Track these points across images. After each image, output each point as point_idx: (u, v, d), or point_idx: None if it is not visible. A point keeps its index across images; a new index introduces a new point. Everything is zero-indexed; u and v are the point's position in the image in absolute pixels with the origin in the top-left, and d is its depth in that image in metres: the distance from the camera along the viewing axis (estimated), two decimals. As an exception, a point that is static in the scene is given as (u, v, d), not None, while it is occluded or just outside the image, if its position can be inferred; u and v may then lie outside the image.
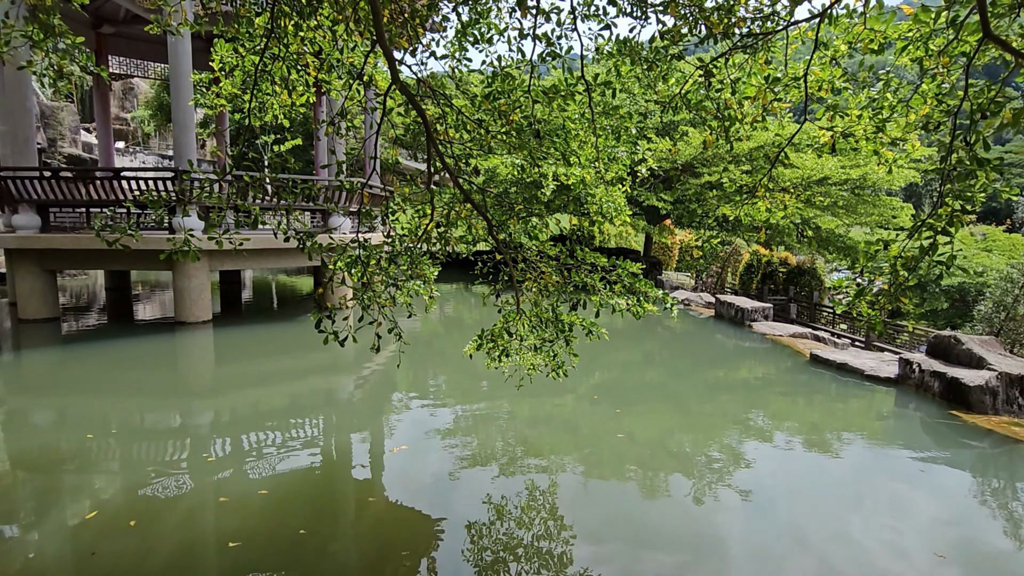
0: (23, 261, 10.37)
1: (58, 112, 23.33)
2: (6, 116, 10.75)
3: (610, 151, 4.28)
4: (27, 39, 3.35)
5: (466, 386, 7.88)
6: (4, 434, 5.79)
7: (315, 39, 3.44)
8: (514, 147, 3.12)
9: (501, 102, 3.49)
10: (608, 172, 4.39)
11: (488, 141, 3.09)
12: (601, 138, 4.13)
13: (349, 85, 3.91)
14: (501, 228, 3.48)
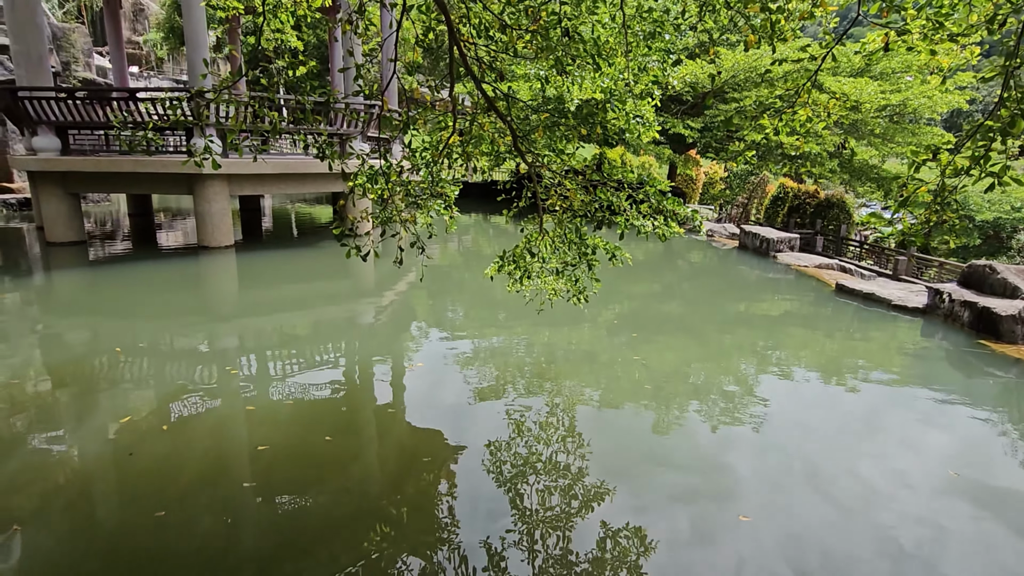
0: (46, 184, 10.43)
1: (70, 34, 22.79)
2: (17, 34, 10.51)
3: (641, 60, 4.03)
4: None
5: (484, 315, 7.92)
6: (39, 351, 5.99)
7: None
8: (541, 50, 2.93)
9: (528, 0, 3.25)
10: (638, 84, 4.16)
11: (514, 42, 2.90)
12: (633, 44, 3.88)
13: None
14: (526, 140, 3.34)
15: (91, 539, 2.99)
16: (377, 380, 5.46)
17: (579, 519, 3.34)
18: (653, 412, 4.89)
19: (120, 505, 3.28)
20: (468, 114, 3.39)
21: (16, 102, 9.97)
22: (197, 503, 3.32)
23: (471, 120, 3.22)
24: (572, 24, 3.10)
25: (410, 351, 6.27)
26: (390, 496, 3.49)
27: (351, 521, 3.20)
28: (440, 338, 6.70)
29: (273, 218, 17.78)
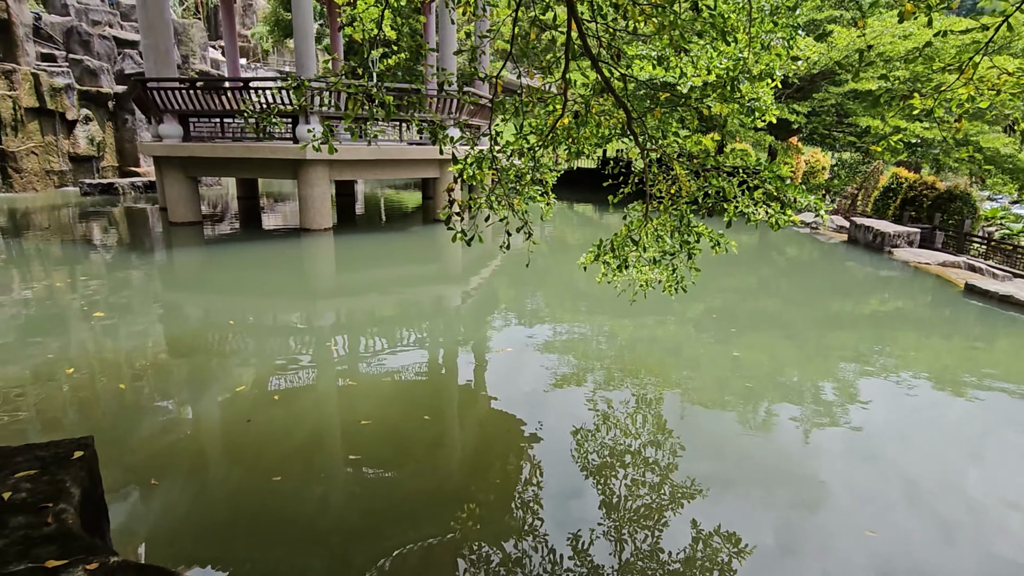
0: (170, 168, 11.36)
1: (189, 29, 24.66)
2: (147, 29, 11.46)
3: (763, 37, 3.77)
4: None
5: (569, 303, 7.82)
6: (161, 323, 6.53)
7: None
8: (662, 27, 2.78)
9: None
10: (758, 64, 3.89)
11: (636, 18, 2.77)
12: (756, 20, 3.62)
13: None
14: (638, 122, 3.21)
15: (218, 497, 3.21)
16: (469, 363, 5.53)
17: (667, 517, 3.22)
18: (745, 412, 4.63)
19: (243, 468, 3.50)
20: (581, 97, 3.29)
21: (146, 92, 10.89)
22: (310, 471, 3.50)
23: (586, 103, 3.13)
24: None
25: (498, 336, 6.30)
26: (481, 477, 3.51)
27: (451, 498, 3.25)
28: (527, 324, 6.69)
29: (364, 203, 18.49)
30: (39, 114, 17.31)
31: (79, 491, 1.95)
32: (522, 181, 3.86)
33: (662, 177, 3.68)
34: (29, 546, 1.63)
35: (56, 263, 8.96)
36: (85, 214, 13.99)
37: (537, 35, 4.39)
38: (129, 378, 4.79)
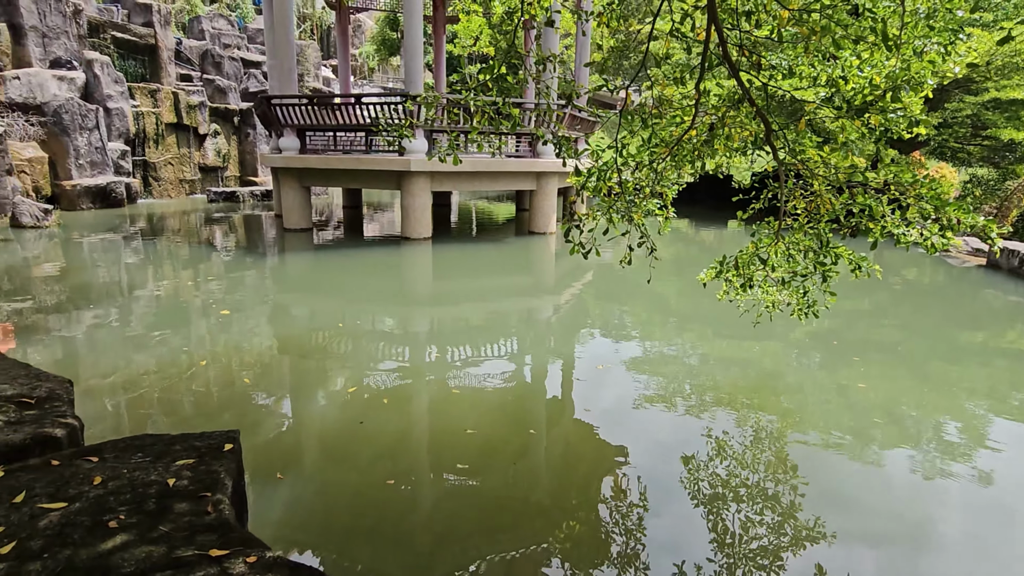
0: (287, 179, 12.18)
1: (305, 49, 26.54)
2: (274, 51, 12.41)
3: (916, 43, 3.44)
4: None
5: (670, 321, 7.53)
6: (279, 322, 6.94)
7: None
8: (813, 33, 2.58)
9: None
10: (908, 71, 3.56)
11: (784, 24, 2.60)
12: (909, 24, 3.31)
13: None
14: (779, 135, 3.01)
15: (338, 497, 3.31)
16: (568, 377, 5.43)
17: (782, 560, 2.94)
18: (847, 448, 4.20)
19: (359, 470, 3.60)
20: (713, 108, 3.14)
21: (270, 108, 11.76)
22: (423, 478, 3.54)
23: (721, 116, 2.97)
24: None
25: (595, 351, 6.15)
26: (588, 496, 3.39)
27: (563, 515, 3.16)
28: (625, 340, 6.50)
29: (458, 213, 18.95)
30: (176, 129, 19.20)
31: (231, 482, 2.05)
32: (641, 194, 3.75)
33: (799, 193, 3.44)
34: (193, 533, 1.71)
35: (185, 263, 9.82)
36: (211, 219, 15.30)
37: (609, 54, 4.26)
38: (253, 373, 5.11)
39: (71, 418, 2.42)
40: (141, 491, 1.89)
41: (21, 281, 8.12)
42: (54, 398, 2.60)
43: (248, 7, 31.74)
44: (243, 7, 31.58)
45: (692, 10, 2.75)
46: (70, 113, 14.98)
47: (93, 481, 1.92)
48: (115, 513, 1.77)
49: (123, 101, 17.23)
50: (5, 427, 2.18)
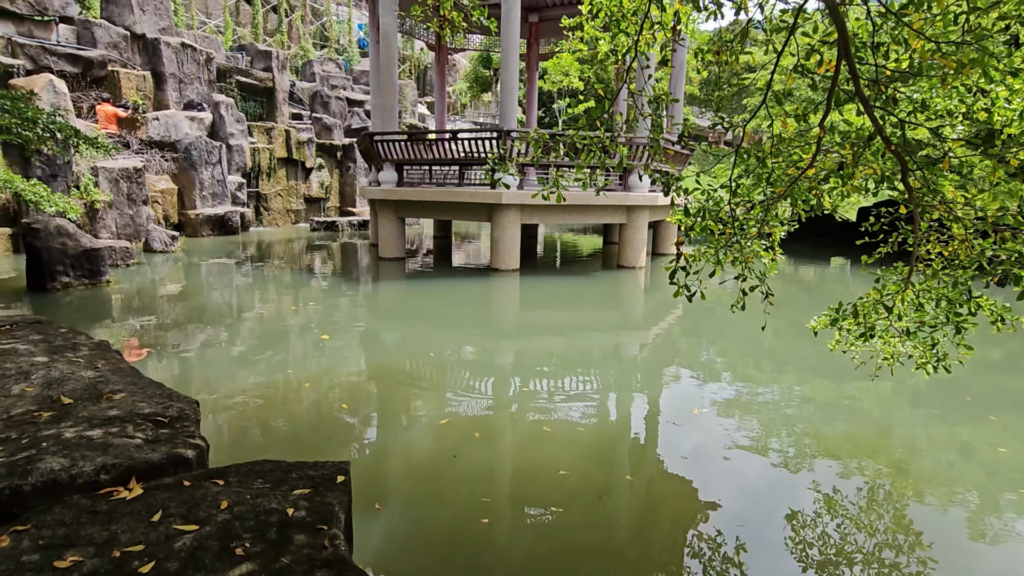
0: (384, 210, 12.78)
1: (404, 88, 28.09)
2: (377, 91, 13.19)
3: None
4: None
5: (774, 366, 7.08)
6: (368, 350, 7.18)
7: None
8: (962, 65, 2.37)
9: (915, 18, 2.70)
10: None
11: (925, 58, 2.41)
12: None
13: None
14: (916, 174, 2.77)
15: (433, 531, 3.31)
16: (663, 420, 5.20)
17: None
18: (973, 516, 3.66)
19: (453, 505, 3.59)
20: (838, 145, 2.95)
21: (372, 144, 12.46)
22: (518, 518, 3.47)
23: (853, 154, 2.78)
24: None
25: (690, 393, 5.86)
26: (682, 551, 3.17)
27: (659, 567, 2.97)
28: (717, 382, 6.15)
29: (544, 244, 19.06)
30: (286, 163, 20.77)
31: (344, 516, 2.08)
32: (747, 234, 3.57)
33: (935, 237, 3.14)
34: (312, 567, 1.74)
35: (288, 286, 10.46)
36: (312, 246, 16.29)
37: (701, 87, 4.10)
38: (351, 399, 5.28)
39: (199, 439, 2.57)
40: (263, 519, 1.95)
41: (149, 300, 8.95)
42: (184, 418, 2.79)
43: (354, 51, 34.15)
44: (349, 51, 34.01)
45: (820, 45, 2.62)
46: (198, 150, 16.60)
47: (220, 505, 2.01)
48: (241, 540, 1.83)
49: (243, 138, 18.91)
50: (144, 445, 2.35)
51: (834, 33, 2.58)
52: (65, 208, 9.64)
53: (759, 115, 3.42)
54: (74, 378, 3.05)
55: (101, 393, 2.93)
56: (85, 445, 2.26)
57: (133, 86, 16.85)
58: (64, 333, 3.90)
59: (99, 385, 3.02)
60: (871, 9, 2.49)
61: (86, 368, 3.21)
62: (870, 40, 2.59)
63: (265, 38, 29.38)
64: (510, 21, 10.88)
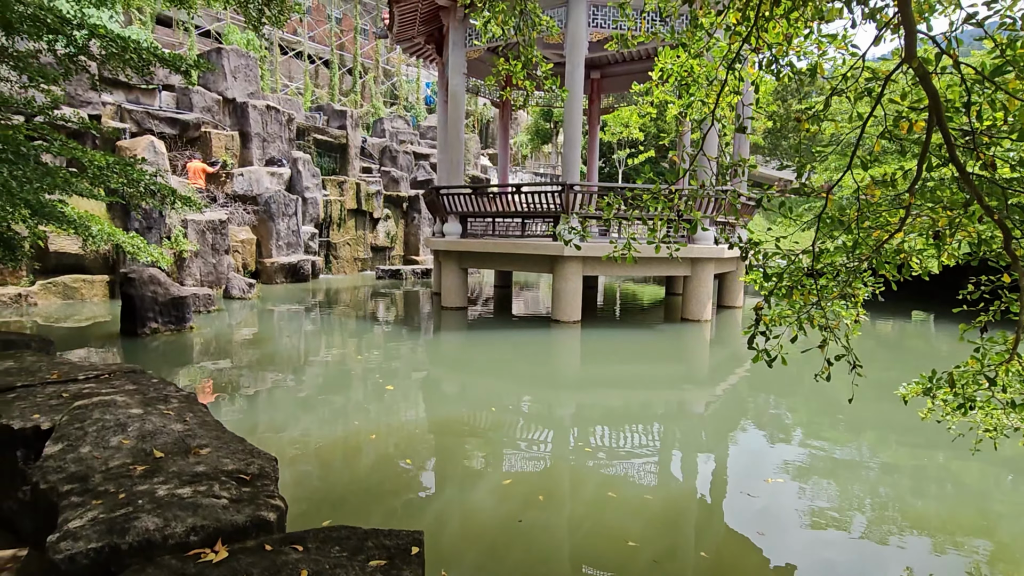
0: (447, 261, 13.10)
1: (467, 142, 29.18)
2: (444, 146, 13.75)
3: None
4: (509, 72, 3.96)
5: (836, 424, 6.61)
6: (432, 403, 7.22)
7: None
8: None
9: (1012, 80, 2.58)
10: None
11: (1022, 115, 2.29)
12: None
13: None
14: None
15: (497, 603, 3.21)
16: (738, 490, 4.91)
17: None
18: None
19: (521, 573, 3.48)
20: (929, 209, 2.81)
21: (438, 197, 12.91)
22: (583, 595, 3.32)
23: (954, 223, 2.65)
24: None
25: (761, 457, 5.53)
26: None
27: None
28: (791, 446, 5.78)
29: (605, 295, 18.91)
30: (356, 214, 21.78)
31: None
32: (828, 297, 3.42)
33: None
34: (389, 649, 1.71)
35: (354, 333, 10.77)
36: (378, 294, 16.82)
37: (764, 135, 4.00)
38: (415, 454, 5.31)
39: (278, 499, 2.63)
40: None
41: (226, 346, 9.42)
42: (264, 476, 2.87)
43: (421, 107, 35.95)
44: (416, 108, 35.84)
45: (908, 112, 2.54)
46: (277, 202, 17.69)
47: (301, 574, 2.03)
48: (320, 614, 1.83)
49: (317, 191, 20.04)
50: (230, 506, 2.42)
51: (924, 100, 2.51)
52: (158, 258, 10.40)
53: (832, 166, 3.32)
54: (165, 431, 3.22)
55: (189, 447, 3.07)
56: (176, 504, 2.36)
57: (222, 145, 18.30)
58: (156, 384, 4.14)
59: (187, 439, 3.16)
60: (964, 75, 2.41)
61: (176, 421, 3.38)
62: (963, 104, 2.49)
63: (340, 98, 31.45)
64: (574, 81, 11.20)
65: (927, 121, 2.50)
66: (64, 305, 12.73)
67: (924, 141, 2.57)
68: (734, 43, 3.28)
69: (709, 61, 3.77)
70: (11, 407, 3.58)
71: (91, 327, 10.53)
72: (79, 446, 3.01)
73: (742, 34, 3.13)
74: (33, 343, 5.74)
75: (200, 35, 26.64)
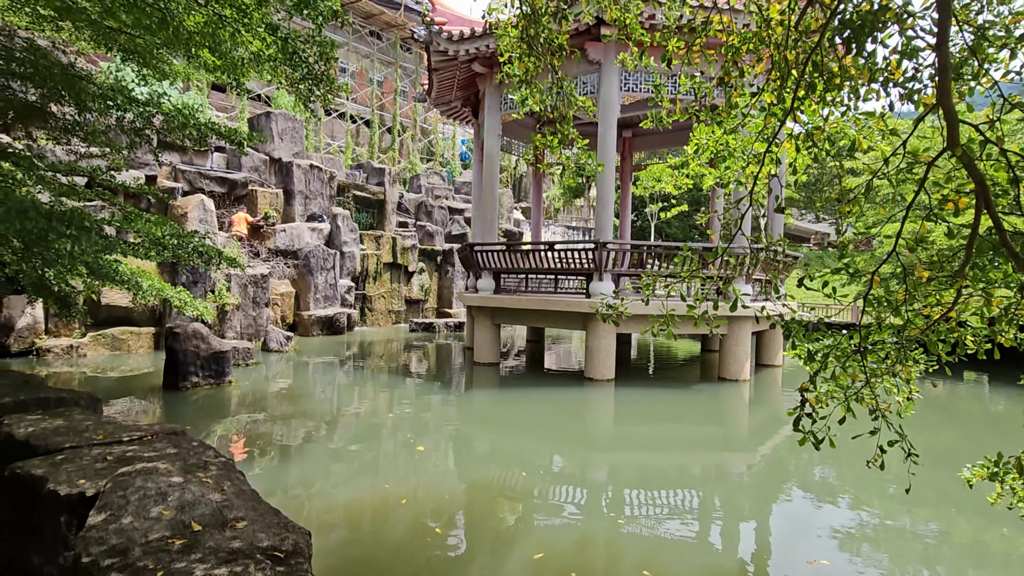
0: (480, 316, 13.17)
1: (501, 197, 29.81)
2: (479, 204, 14.06)
3: None
4: (545, 146, 4.08)
5: (884, 493, 6.22)
6: (464, 466, 7.12)
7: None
8: None
9: None
10: None
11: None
12: None
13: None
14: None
15: None
16: (775, 566, 4.63)
17: None
18: None
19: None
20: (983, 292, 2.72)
21: (472, 254, 13.12)
22: None
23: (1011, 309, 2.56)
24: None
25: (805, 531, 5.22)
26: None
27: None
28: (836, 518, 5.44)
29: (639, 350, 18.62)
30: (391, 267, 22.24)
31: None
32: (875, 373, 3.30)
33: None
34: None
35: (387, 387, 10.81)
36: (411, 346, 16.94)
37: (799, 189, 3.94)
38: (444, 520, 5.20)
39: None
40: None
41: (263, 402, 9.55)
42: (298, 552, 2.85)
43: (456, 164, 37.07)
44: (452, 164, 36.97)
45: (954, 195, 2.51)
46: (316, 257, 18.23)
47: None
48: None
49: (355, 246, 20.61)
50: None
51: (970, 183, 2.47)
52: (202, 312, 10.77)
53: (870, 217, 3.25)
54: (203, 501, 3.24)
55: (226, 520, 3.08)
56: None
57: (267, 202, 19.12)
58: (196, 448, 4.21)
59: (224, 511, 3.18)
60: (1010, 159, 2.38)
61: (214, 490, 3.41)
62: (1009, 182, 2.44)
63: (380, 155, 32.71)
64: (607, 143, 11.44)
65: (975, 206, 2.46)
66: (111, 356, 13.19)
67: (973, 225, 2.52)
68: (770, 122, 3.33)
69: (745, 136, 3.82)
70: (59, 471, 3.68)
71: (136, 379, 10.85)
72: (121, 516, 3.06)
73: (778, 115, 3.17)
74: (82, 400, 5.93)
75: (251, 99, 28.32)
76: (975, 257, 2.66)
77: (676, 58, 3.45)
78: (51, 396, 5.74)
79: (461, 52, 12.28)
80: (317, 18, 4.54)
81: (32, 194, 6.91)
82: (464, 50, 12.23)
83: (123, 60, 6.39)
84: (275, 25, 4.67)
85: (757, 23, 3.13)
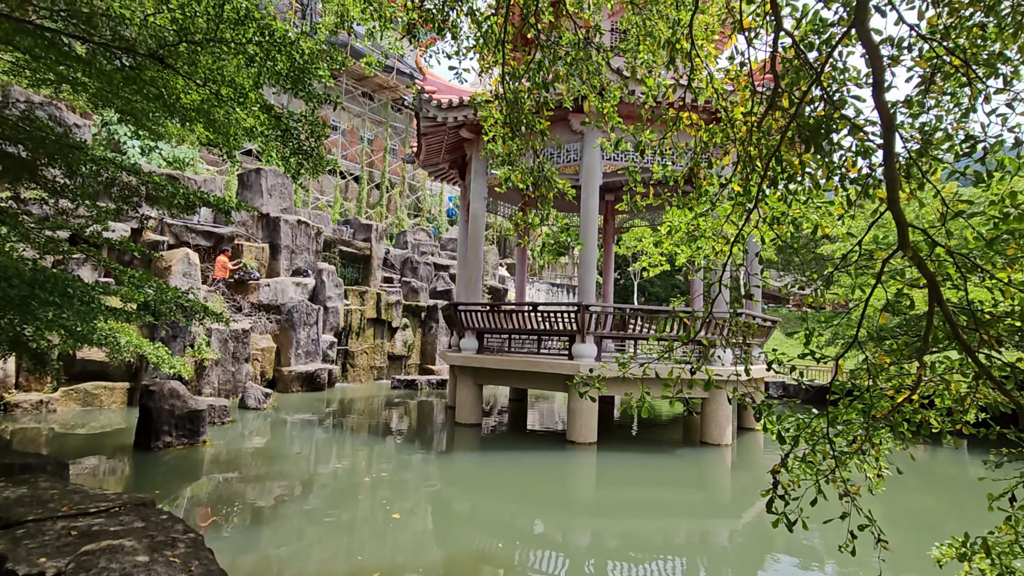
0: (463, 376, 13.11)
1: (486, 254, 30.18)
2: (463, 263, 14.25)
3: None
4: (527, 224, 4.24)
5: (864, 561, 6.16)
6: (437, 534, 6.95)
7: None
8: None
9: (1011, 248, 2.72)
10: None
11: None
12: None
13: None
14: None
15: None
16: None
17: None
18: None
19: None
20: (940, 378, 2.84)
21: (456, 313, 13.18)
22: None
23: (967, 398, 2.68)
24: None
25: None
26: None
27: None
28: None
29: (620, 409, 18.51)
30: (375, 323, 22.15)
31: None
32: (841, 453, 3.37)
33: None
34: None
35: (364, 450, 10.58)
36: (392, 404, 16.69)
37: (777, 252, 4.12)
38: (421, 599, 5.04)
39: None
40: None
41: (236, 464, 9.29)
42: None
43: (443, 220, 37.63)
44: (439, 220, 37.52)
45: (909, 289, 2.66)
46: (299, 312, 18.15)
47: None
48: None
49: (339, 301, 20.58)
50: None
51: (923, 279, 2.63)
52: (180, 369, 10.59)
53: (843, 282, 3.39)
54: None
55: (191, 605, 2.99)
56: None
57: (253, 256, 19.16)
58: (164, 522, 4.10)
59: (190, 595, 3.09)
60: (957, 261, 2.54)
61: (181, 571, 3.31)
62: (959, 279, 2.61)
63: (367, 211, 33.14)
64: (589, 208, 11.79)
65: (928, 300, 2.61)
66: (83, 412, 12.81)
67: (927, 316, 2.67)
68: (737, 209, 3.52)
69: (715, 219, 4.03)
70: (19, 548, 3.56)
71: (107, 437, 10.53)
72: (82, 601, 2.95)
73: (744, 204, 3.36)
74: (48, 466, 5.76)
75: (243, 153, 28.81)
76: (931, 348, 2.79)
77: (649, 148, 3.67)
78: (16, 462, 5.57)
79: (450, 119, 12.75)
80: (310, 100, 4.77)
81: (17, 251, 6.91)
82: (452, 117, 12.70)
83: (119, 121, 6.59)
84: (269, 105, 4.87)
85: (723, 121, 3.37)
